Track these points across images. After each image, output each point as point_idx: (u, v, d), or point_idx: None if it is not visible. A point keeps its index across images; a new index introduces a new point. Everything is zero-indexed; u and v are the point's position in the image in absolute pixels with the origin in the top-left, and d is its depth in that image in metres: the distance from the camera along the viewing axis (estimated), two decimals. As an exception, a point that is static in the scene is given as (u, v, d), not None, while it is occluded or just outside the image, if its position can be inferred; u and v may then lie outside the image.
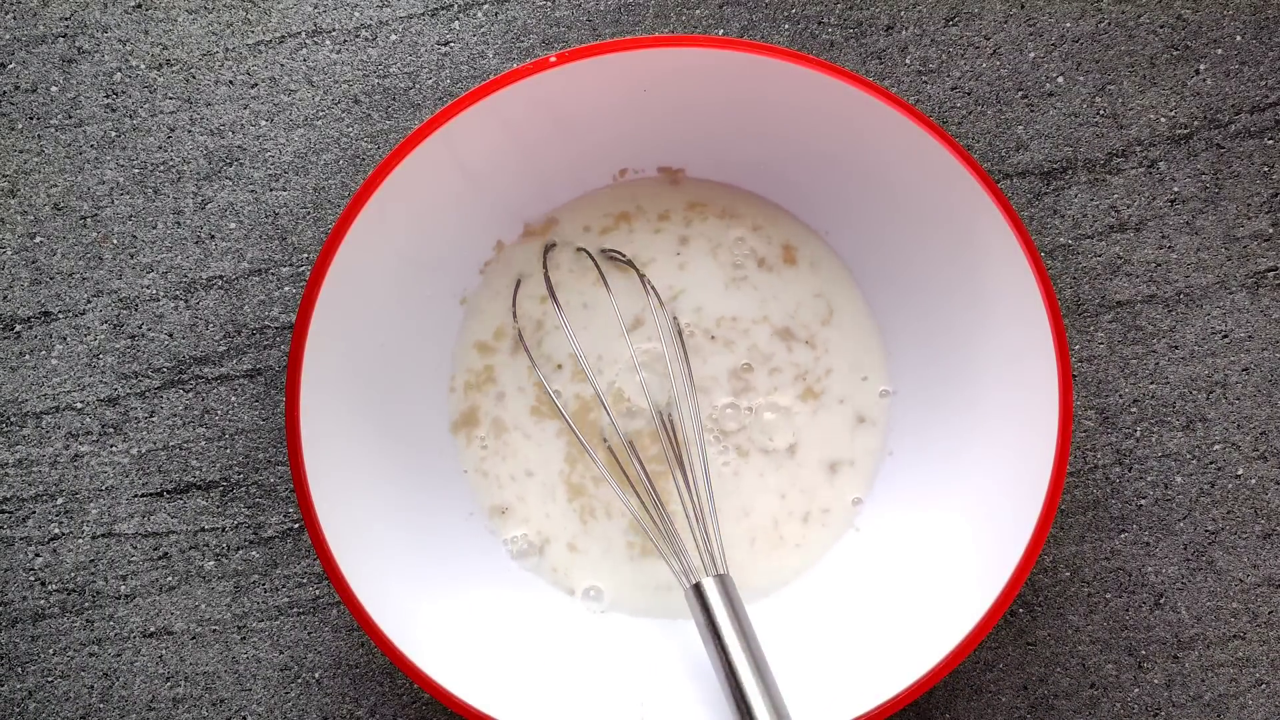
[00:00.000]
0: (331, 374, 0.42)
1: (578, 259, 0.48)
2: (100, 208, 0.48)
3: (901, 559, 0.46)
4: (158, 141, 0.48)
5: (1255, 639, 0.49)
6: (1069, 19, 0.49)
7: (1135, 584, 0.49)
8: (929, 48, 0.49)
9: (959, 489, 0.46)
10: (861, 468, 0.49)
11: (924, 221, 0.45)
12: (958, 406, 0.46)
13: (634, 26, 0.49)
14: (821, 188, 0.47)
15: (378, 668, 0.48)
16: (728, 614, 0.43)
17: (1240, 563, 0.49)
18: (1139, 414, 0.49)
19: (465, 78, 0.49)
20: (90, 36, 0.48)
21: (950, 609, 0.43)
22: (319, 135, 0.48)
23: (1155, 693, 0.49)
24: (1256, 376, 0.49)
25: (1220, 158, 0.50)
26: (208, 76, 0.48)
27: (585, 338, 0.48)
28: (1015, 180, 0.49)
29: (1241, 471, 0.49)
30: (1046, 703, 0.49)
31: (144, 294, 0.48)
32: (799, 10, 0.49)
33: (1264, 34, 0.50)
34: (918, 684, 0.42)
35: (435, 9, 0.49)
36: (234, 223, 0.48)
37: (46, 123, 0.48)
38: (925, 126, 0.42)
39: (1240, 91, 0.50)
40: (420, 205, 0.43)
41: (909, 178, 0.44)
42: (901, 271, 0.47)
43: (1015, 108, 0.49)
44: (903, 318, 0.48)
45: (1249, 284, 0.49)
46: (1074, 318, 0.49)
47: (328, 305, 0.41)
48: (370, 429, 0.45)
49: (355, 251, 0.42)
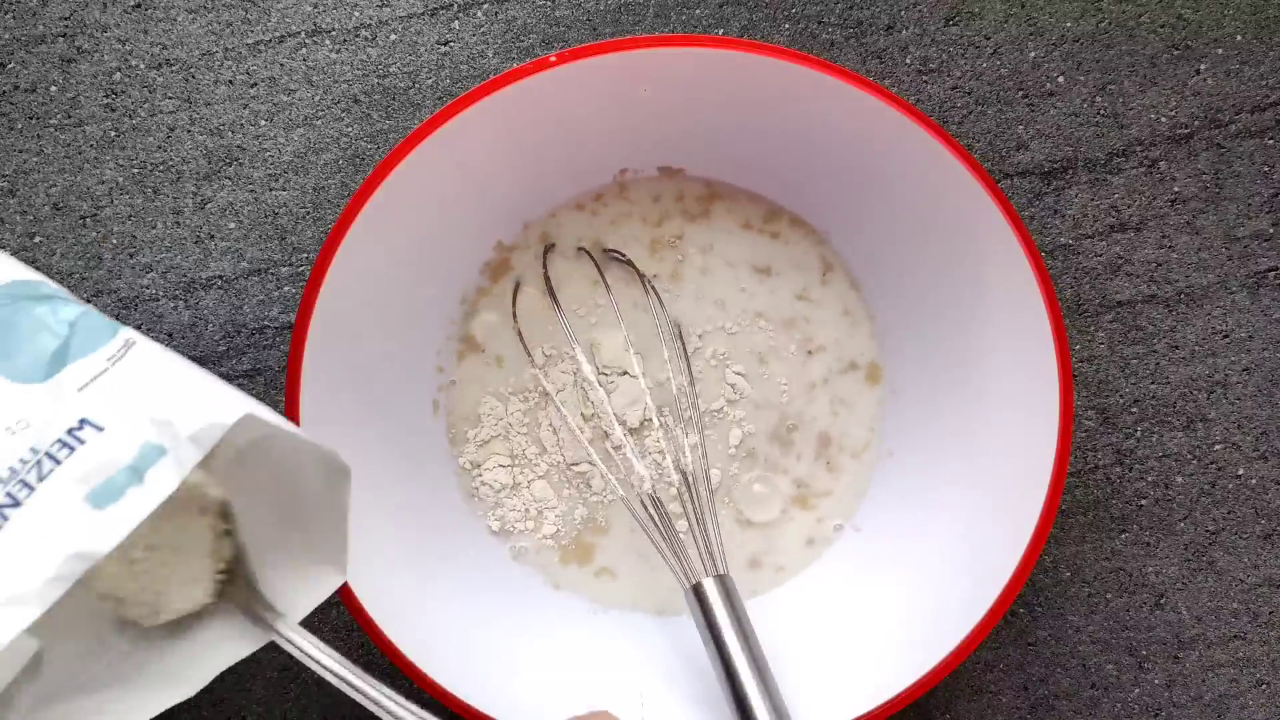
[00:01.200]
0: (331, 374, 0.42)
1: (578, 259, 0.48)
2: (100, 208, 0.48)
3: (901, 559, 0.46)
4: (157, 141, 0.48)
5: (1256, 639, 0.49)
6: (1069, 18, 0.49)
7: (1136, 584, 0.49)
8: (929, 47, 0.49)
9: (959, 489, 0.46)
10: (864, 460, 0.49)
11: (924, 221, 0.45)
12: (958, 406, 0.46)
13: (634, 26, 0.49)
14: (821, 188, 0.47)
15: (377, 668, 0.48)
16: (727, 614, 0.43)
17: (1241, 563, 0.49)
18: (1139, 414, 0.49)
19: (465, 78, 0.49)
20: (90, 36, 0.48)
21: (950, 609, 0.43)
22: (319, 135, 0.48)
23: (1156, 693, 0.49)
24: (1257, 376, 0.49)
25: (1221, 157, 0.50)
26: (207, 76, 0.48)
27: (585, 337, 0.48)
28: (1015, 180, 0.49)
29: (1242, 472, 0.49)
30: (1047, 703, 0.49)
31: (143, 294, 0.48)
32: (799, 10, 0.49)
33: (1264, 34, 0.50)
34: (918, 684, 0.42)
35: (435, 9, 0.49)
36: (233, 223, 0.48)
37: (46, 122, 0.48)
38: (925, 126, 0.42)
39: (1241, 91, 0.50)
40: (420, 205, 0.43)
41: (909, 177, 0.44)
42: (901, 271, 0.47)
43: (1015, 107, 0.49)
44: (902, 317, 0.48)
45: (1249, 284, 0.49)
46: (1074, 318, 0.49)
47: (327, 305, 0.41)
48: (370, 429, 0.45)
49: (355, 251, 0.42)
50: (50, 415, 0.31)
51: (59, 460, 0.30)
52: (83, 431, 0.31)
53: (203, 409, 0.31)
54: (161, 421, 0.30)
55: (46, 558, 0.29)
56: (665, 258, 0.48)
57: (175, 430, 0.30)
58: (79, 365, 0.33)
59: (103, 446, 0.30)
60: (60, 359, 0.33)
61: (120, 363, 0.33)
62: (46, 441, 0.31)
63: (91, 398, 0.32)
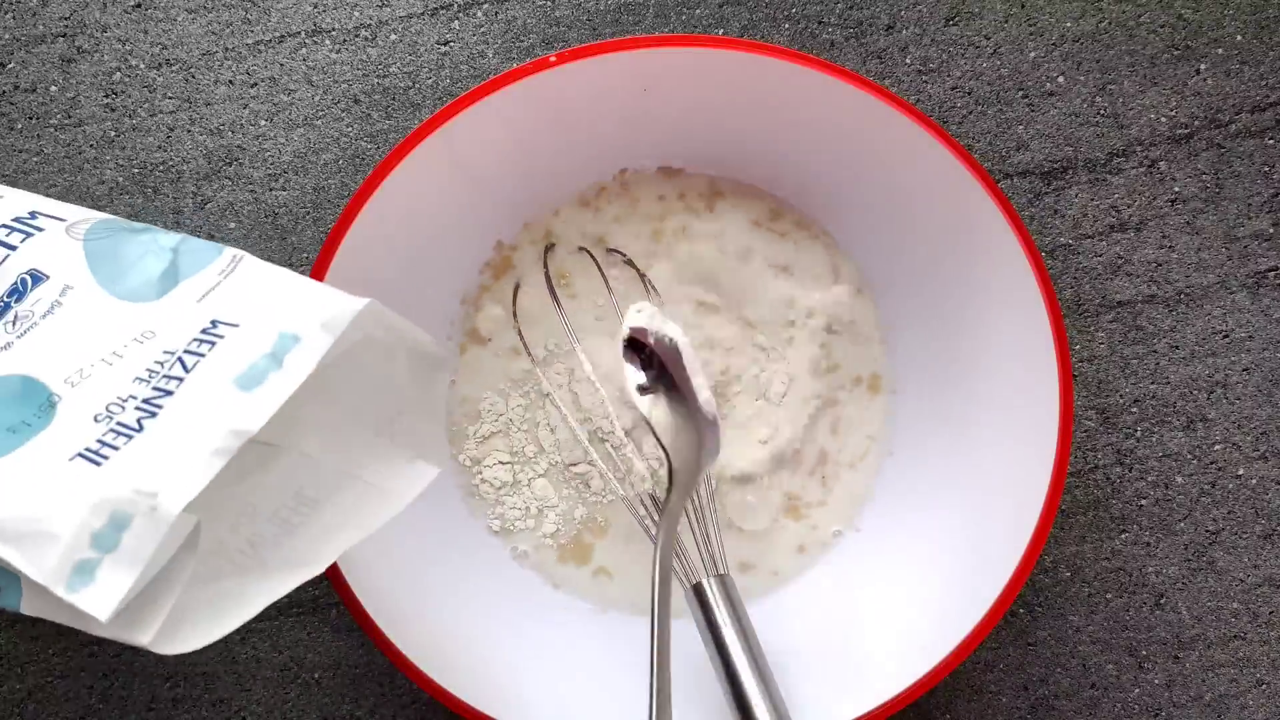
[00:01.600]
0: (331, 374, 0.42)
1: (578, 258, 0.48)
2: (100, 208, 0.48)
3: (901, 559, 0.46)
4: (157, 141, 0.48)
5: (1256, 639, 0.49)
6: (1069, 18, 0.49)
7: (1136, 584, 0.49)
8: (929, 47, 0.49)
9: (959, 489, 0.46)
10: (862, 468, 0.49)
11: (924, 221, 0.45)
12: (958, 406, 0.46)
13: (634, 26, 0.49)
14: (821, 188, 0.47)
15: (377, 668, 0.48)
16: (728, 614, 0.43)
17: (1241, 563, 0.49)
18: (1139, 414, 0.49)
19: (465, 77, 0.49)
20: (90, 36, 0.48)
21: (950, 609, 0.43)
22: (318, 135, 0.48)
23: (1156, 693, 0.49)
24: (1257, 376, 0.49)
25: (1221, 157, 0.50)
26: (207, 76, 0.48)
27: (585, 337, 0.48)
28: (1015, 180, 0.49)
29: (1242, 472, 0.49)
30: (1047, 703, 0.49)
31: (144, 294, 0.48)
32: (799, 10, 0.49)
33: (1264, 34, 0.50)
34: (918, 684, 0.42)
35: (435, 9, 0.49)
36: (233, 222, 0.48)
37: (46, 122, 0.48)
38: (925, 126, 0.42)
39: (1241, 91, 0.50)
40: (420, 205, 0.43)
41: (909, 177, 0.44)
42: (901, 271, 0.47)
43: (1015, 107, 0.49)
44: (903, 317, 0.48)
45: (1249, 284, 0.49)
46: (1074, 318, 0.49)
47: (327, 305, 0.41)
48: (370, 429, 0.45)
49: (355, 251, 0.42)
50: (177, 322, 0.34)
51: (202, 354, 0.33)
52: (217, 330, 0.34)
53: (326, 301, 0.34)
54: (291, 313, 0.34)
55: (207, 434, 0.31)
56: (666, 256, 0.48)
57: (306, 319, 0.33)
58: (191, 282, 0.36)
59: (242, 339, 0.33)
60: (171, 278, 0.36)
61: (232, 275, 0.36)
62: (182, 342, 0.34)
63: (215, 304, 0.35)
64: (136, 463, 0.31)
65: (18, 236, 0.37)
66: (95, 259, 0.36)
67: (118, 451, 0.32)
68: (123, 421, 0.32)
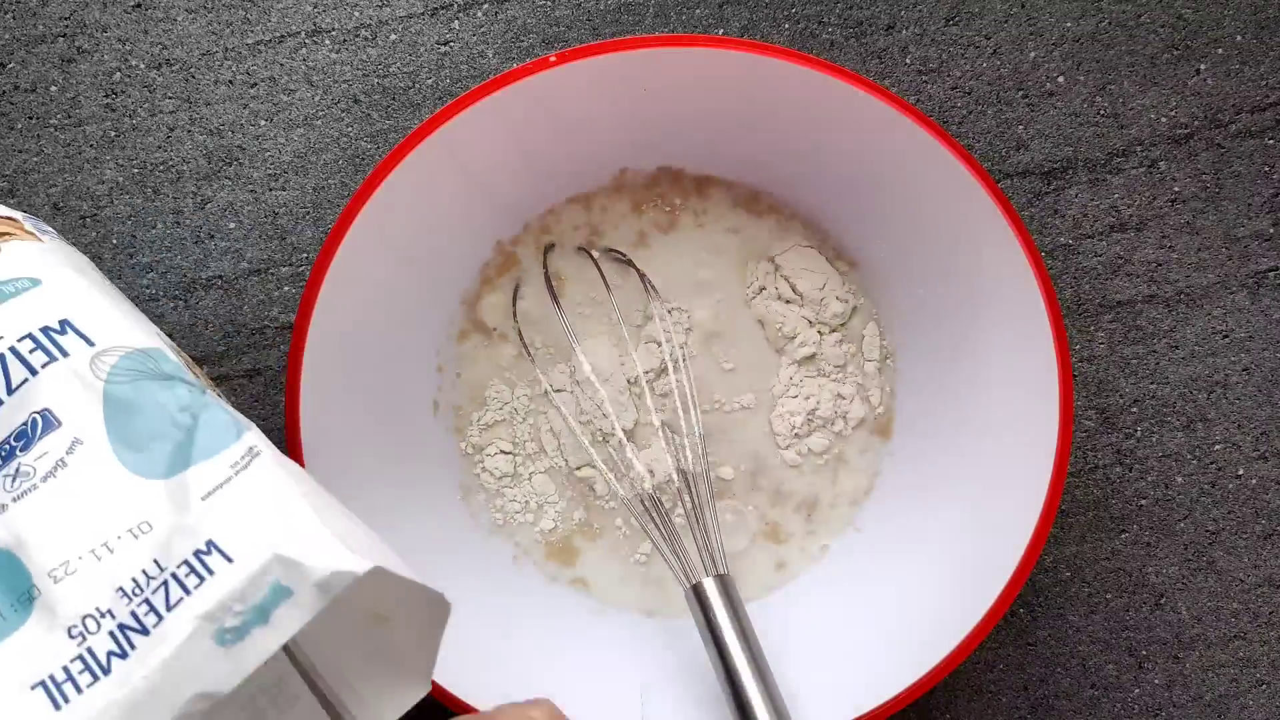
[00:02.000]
0: (331, 374, 0.42)
1: (578, 259, 0.48)
2: (100, 208, 0.48)
3: (901, 558, 0.46)
4: (157, 141, 0.48)
5: (1256, 639, 0.49)
6: (1069, 19, 0.49)
7: (1136, 584, 0.49)
8: (929, 47, 0.49)
9: (959, 488, 0.46)
10: (862, 468, 0.48)
11: (924, 221, 0.45)
12: (957, 406, 0.46)
13: (634, 26, 0.49)
14: (821, 187, 0.47)
15: (377, 668, 0.48)
16: (727, 614, 0.43)
17: (1241, 563, 0.49)
18: (1139, 414, 0.49)
19: (465, 78, 0.49)
20: (90, 36, 0.48)
21: (950, 609, 0.43)
22: (318, 135, 0.48)
23: (1156, 693, 0.49)
24: (1257, 376, 0.49)
25: (1220, 157, 0.50)
26: (207, 76, 0.48)
27: (584, 337, 0.48)
28: (1015, 180, 0.49)
29: (1242, 472, 0.49)
30: (1047, 703, 0.49)
31: (143, 294, 0.48)
32: (799, 10, 0.49)
33: (1264, 34, 0.50)
34: (918, 684, 0.42)
35: (435, 9, 0.49)
36: (233, 223, 0.48)
37: (46, 122, 0.48)
38: (925, 126, 0.42)
39: (1240, 91, 0.50)
40: (420, 205, 0.43)
41: (909, 177, 0.44)
42: (901, 271, 0.47)
43: (1015, 107, 0.49)
44: (902, 317, 0.48)
45: (1249, 284, 0.49)
46: (1074, 318, 0.49)
47: (327, 305, 0.41)
48: (370, 429, 0.45)
49: (355, 251, 0.42)
50: (175, 525, 0.31)
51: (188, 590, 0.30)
52: (211, 558, 0.31)
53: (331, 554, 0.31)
54: (290, 562, 0.30)
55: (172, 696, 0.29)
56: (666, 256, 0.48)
57: (303, 573, 0.30)
58: (203, 468, 0.32)
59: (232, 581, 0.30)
60: (183, 456, 0.33)
61: (244, 473, 0.33)
62: (174, 560, 0.31)
63: (217, 513, 0.32)
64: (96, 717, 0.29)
65: (40, 357, 0.34)
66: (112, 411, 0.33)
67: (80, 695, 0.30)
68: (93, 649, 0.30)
